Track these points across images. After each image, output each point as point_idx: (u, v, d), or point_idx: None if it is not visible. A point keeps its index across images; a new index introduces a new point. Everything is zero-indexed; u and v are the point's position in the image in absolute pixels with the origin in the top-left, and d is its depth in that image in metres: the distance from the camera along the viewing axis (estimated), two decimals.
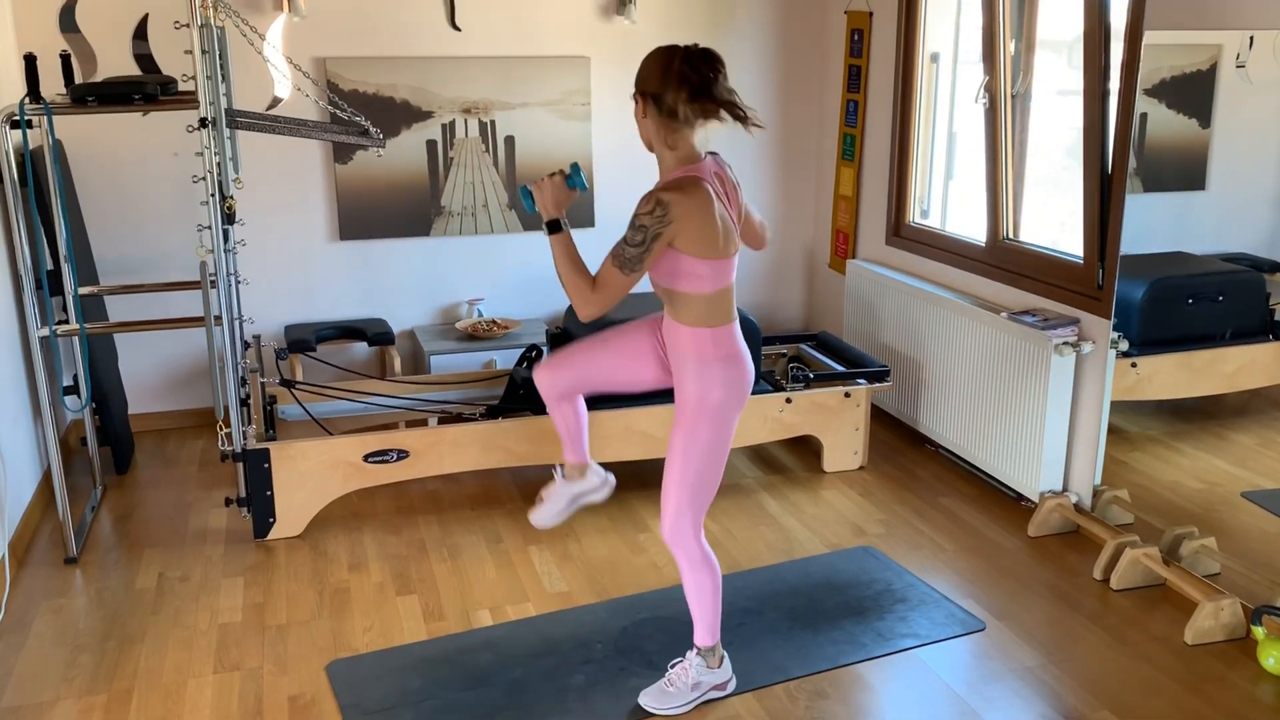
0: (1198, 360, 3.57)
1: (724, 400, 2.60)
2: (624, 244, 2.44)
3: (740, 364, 2.64)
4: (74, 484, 4.13)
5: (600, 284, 2.48)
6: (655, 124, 2.47)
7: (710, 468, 2.64)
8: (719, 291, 2.60)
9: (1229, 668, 2.93)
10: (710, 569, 2.70)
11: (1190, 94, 3.34)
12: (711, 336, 2.59)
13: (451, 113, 4.76)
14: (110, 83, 3.34)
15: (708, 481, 2.65)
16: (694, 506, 2.64)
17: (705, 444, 2.61)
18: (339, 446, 3.66)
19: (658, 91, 2.44)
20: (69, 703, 2.79)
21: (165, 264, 4.56)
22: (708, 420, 2.60)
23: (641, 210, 2.42)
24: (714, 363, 2.59)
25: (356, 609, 3.25)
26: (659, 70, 2.43)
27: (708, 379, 2.59)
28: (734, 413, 2.64)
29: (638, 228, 2.42)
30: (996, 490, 4.05)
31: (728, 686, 2.81)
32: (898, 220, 4.76)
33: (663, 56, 2.45)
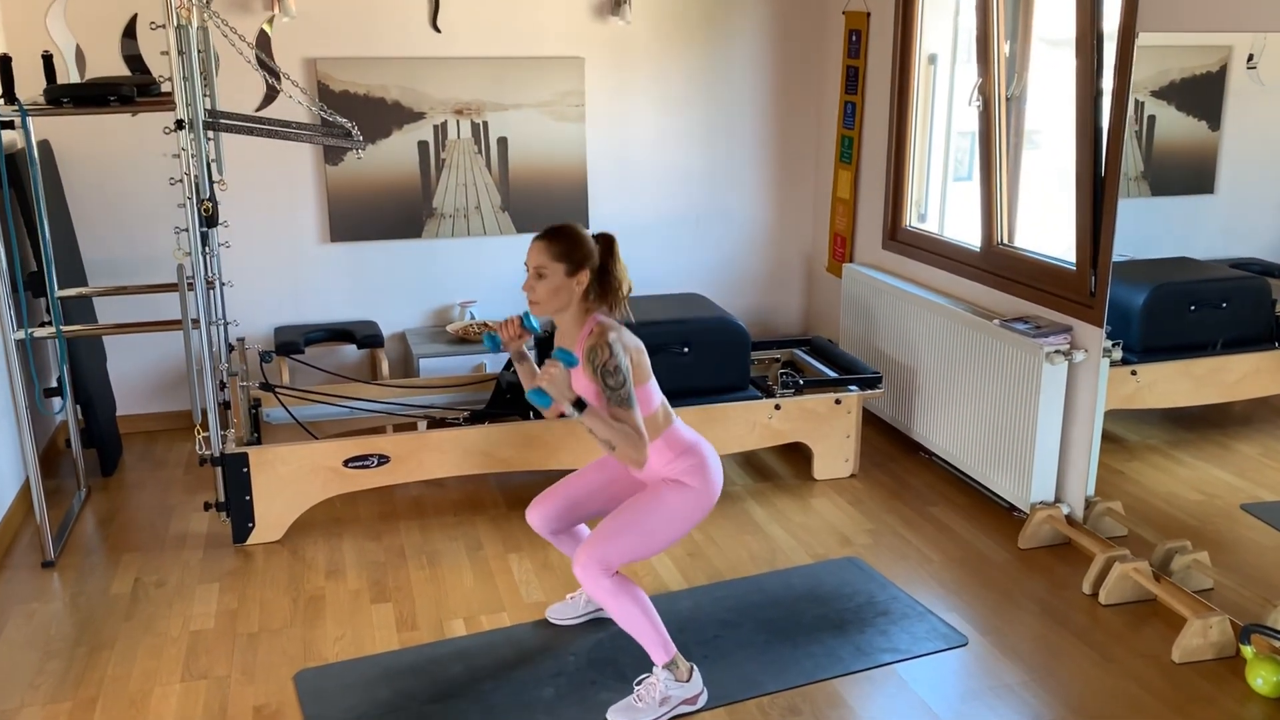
0: (1199, 368, 3.49)
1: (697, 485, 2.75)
2: (614, 391, 2.63)
3: (698, 451, 2.79)
4: (59, 486, 4.12)
5: (634, 427, 2.65)
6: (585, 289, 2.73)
7: (659, 533, 2.74)
8: (656, 409, 2.79)
9: (1217, 687, 2.85)
10: (629, 593, 2.70)
11: (1200, 96, 3.26)
12: (664, 443, 2.77)
13: (443, 114, 4.72)
14: (86, 84, 3.31)
15: (643, 545, 2.73)
16: (621, 556, 2.71)
17: (668, 509, 2.74)
18: (319, 451, 3.63)
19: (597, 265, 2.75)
20: (33, 710, 2.76)
21: (155, 266, 4.54)
22: (678, 495, 2.74)
23: (603, 359, 2.63)
24: (676, 462, 2.76)
25: (330, 617, 3.21)
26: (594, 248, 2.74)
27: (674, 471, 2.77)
28: (704, 498, 2.77)
29: (613, 370, 2.63)
30: (988, 500, 3.98)
31: (699, 700, 2.76)
32: (894, 224, 4.69)
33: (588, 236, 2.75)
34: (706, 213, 5.24)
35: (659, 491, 2.75)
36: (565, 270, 2.69)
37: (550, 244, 2.70)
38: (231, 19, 4.34)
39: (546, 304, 2.72)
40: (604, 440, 2.63)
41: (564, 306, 2.73)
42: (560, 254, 2.69)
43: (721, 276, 5.33)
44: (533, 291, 2.72)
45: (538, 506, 3.00)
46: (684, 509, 2.75)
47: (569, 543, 3.08)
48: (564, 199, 4.95)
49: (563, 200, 4.94)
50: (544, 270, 2.69)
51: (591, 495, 2.98)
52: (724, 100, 5.12)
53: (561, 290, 2.70)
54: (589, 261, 2.71)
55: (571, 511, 2.99)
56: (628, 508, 2.74)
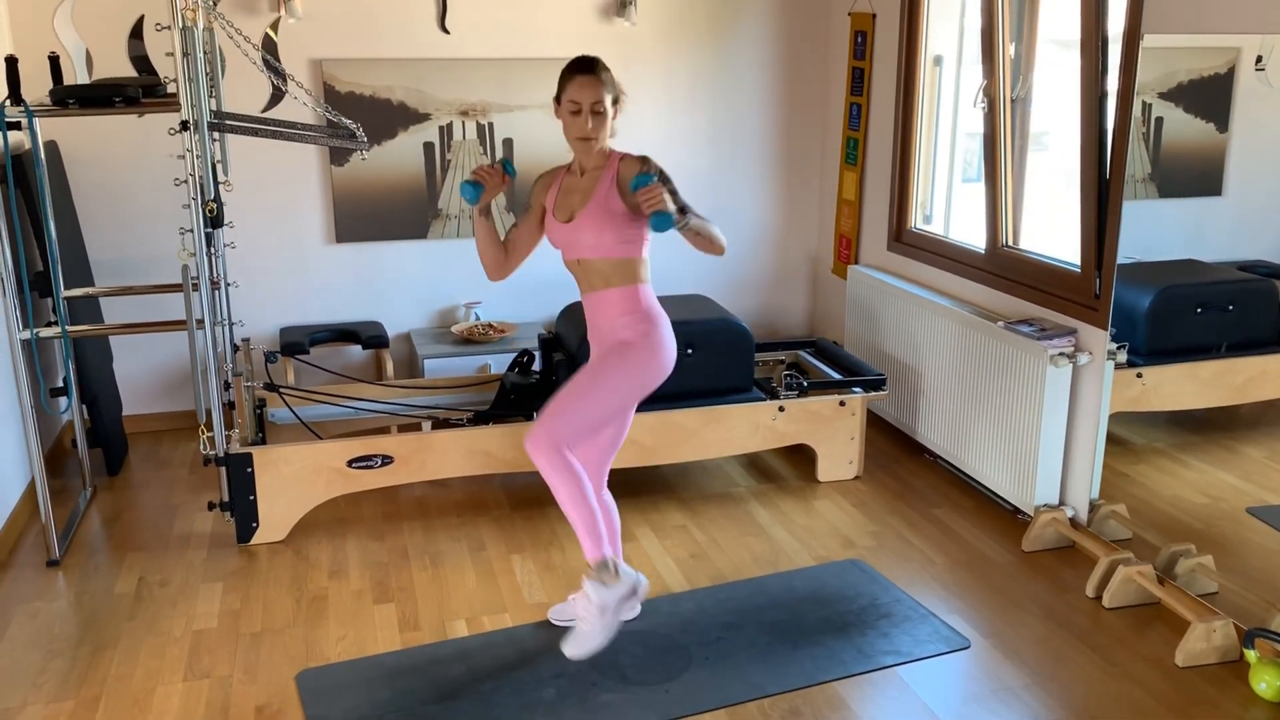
0: (1206, 371, 3.47)
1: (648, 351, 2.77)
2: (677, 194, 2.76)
3: (660, 323, 2.83)
4: (65, 485, 4.14)
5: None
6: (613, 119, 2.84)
7: (601, 402, 2.75)
8: (644, 255, 2.87)
9: (1220, 691, 2.83)
10: (574, 475, 2.70)
11: (1208, 98, 3.25)
12: (638, 292, 2.82)
13: (449, 115, 4.73)
14: (91, 85, 3.32)
15: (591, 411, 2.74)
16: (566, 427, 2.70)
17: (611, 379, 2.76)
18: (323, 451, 3.64)
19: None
20: (36, 708, 2.77)
21: (161, 266, 4.56)
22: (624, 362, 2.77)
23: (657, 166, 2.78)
24: (641, 314, 2.80)
25: (332, 617, 3.22)
26: None
27: (634, 332, 2.79)
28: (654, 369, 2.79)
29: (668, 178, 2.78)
30: (993, 503, 3.97)
31: (639, 590, 2.80)
32: (899, 226, 4.68)
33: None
34: (711, 214, 5.22)
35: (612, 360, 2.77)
36: (612, 99, 2.77)
37: (599, 79, 2.74)
38: (238, 20, 4.35)
39: (600, 138, 2.78)
40: (710, 236, 2.79)
41: (609, 136, 2.82)
42: (608, 85, 2.76)
43: (726, 278, 5.33)
44: (595, 128, 2.75)
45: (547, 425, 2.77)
46: (632, 374, 2.77)
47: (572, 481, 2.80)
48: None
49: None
50: (600, 105, 2.73)
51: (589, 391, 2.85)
52: (729, 102, 5.12)
53: (606, 121, 2.78)
54: (621, 89, 2.82)
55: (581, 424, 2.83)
56: (576, 377, 2.77)
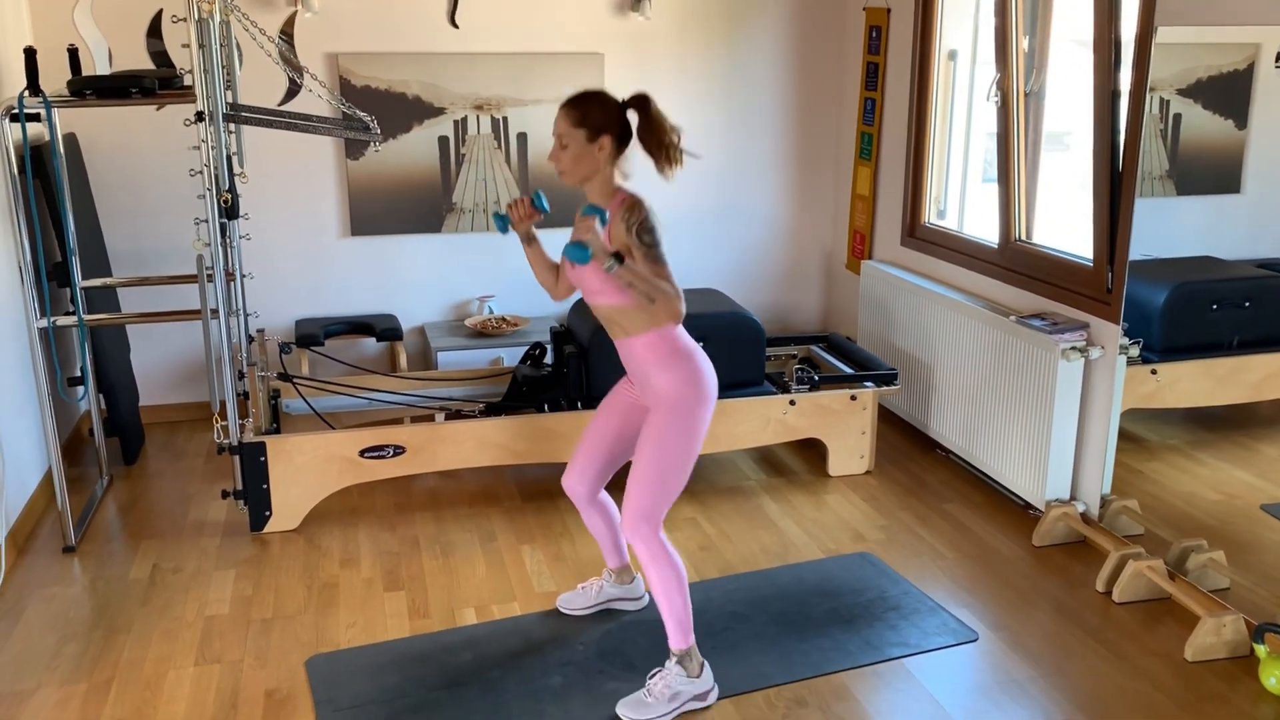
0: (1221, 368, 3.45)
1: (693, 395, 2.68)
2: (650, 248, 2.61)
3: (693, 359, 2.72)
4: (82, 474, 4.18)
5: (670, 280, 2.62)
6: (608, 156, 2.70)
7: (678, 465, 2.69)
8: None
9: (1229, 687, 2.82)
10: (673, 564, 2.70)
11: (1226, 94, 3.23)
12: (659, 336, 2.71)
13: (463, 109, 4.76)
14: (108, 76, 3.36)
15: (674, 478, 2.70)
16: (657, 501, 2.68)
17: (676, 439, 2.68)
18: (335, 441, 3.66)
19: (621, 131, 2.70)
20: (49, 691, 2.81)
21: (179, 257, 4.60)
22: (679, 416, 2.68)
23: (639, 217, 2.61)
24: (670, 359, 2.70)
25: (343, 604, 3.25)
26: (617, 112, 2.68)
27: (672, 378, 2.69)
28: (703, 408, 2.71)
29: (649, 229, 2.61)
30: (1004, 498, 3.96)
31: (709, 697, 2.76)
32: (913, 221, 4.67)
33: (612, 101, 2.69)
34: (725, 209, 5.25)
35: (661, 424, 2.68)
36: (585, 136, 2.65)
37: (570, 110, 2.66)
38: (255, 14, 4.39)
39: (572, 172, 2.70)
40: (643, 293, 2.58)
41: (589, 175, 2.70)
42: (579, 119, 2.65)
43: (740, 273, 5.33)
44: (559, 161, 2.69)
45: (571, 469, 2.98)
46: (687, 428, 2.69)
47: (598, 517, 3.05)
48: (583, 195, 4.95)
49: (582, 196, 4.93)
50: (565, 138, 2.67)
51: (616, 436, 2.94)
52: (743, 96, 5.12)
53: (583, 158, 2.67)
54: (610, 127, 2.66)
55: (605, 461, 2.95)
56: (640, 458, 2.71)
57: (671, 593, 2.70)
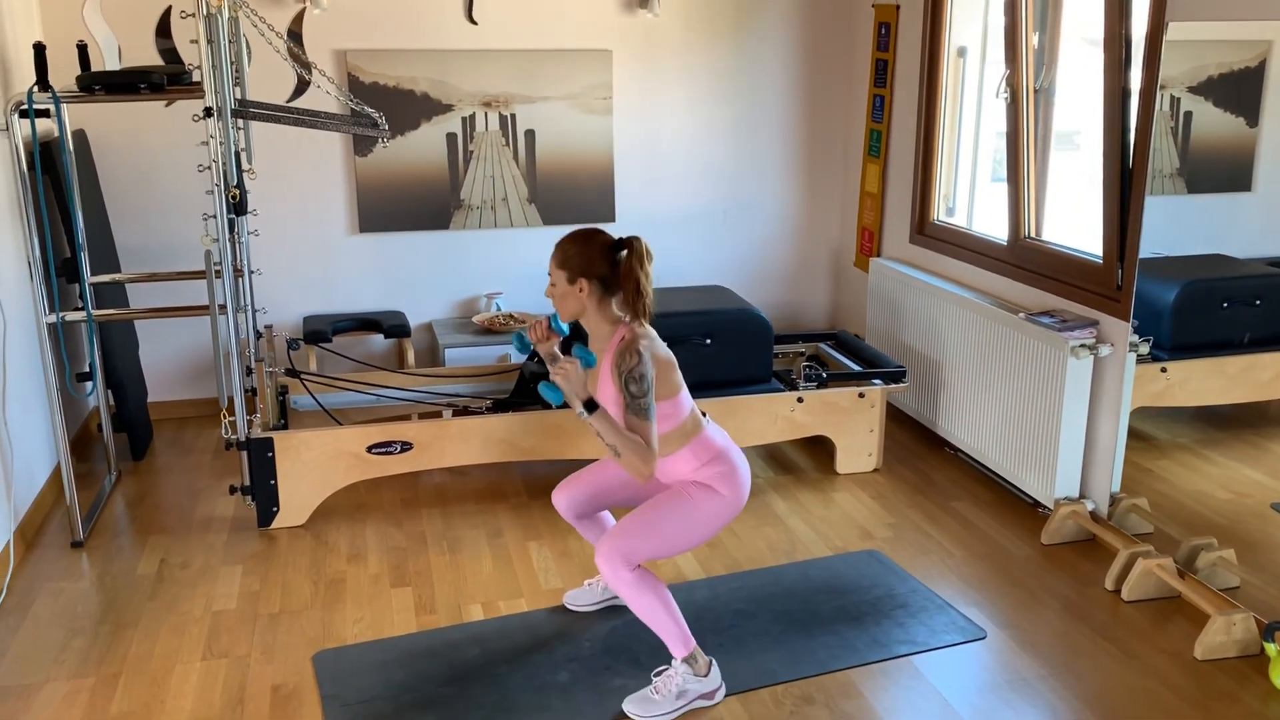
0: (1232, 366, 3.43)
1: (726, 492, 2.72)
2: (634, 399, 2.60)
3: (728, 458, 2.74)
4: (91, 469, 4.20)
5: (646, 438, 2.61)
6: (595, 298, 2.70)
7: (675, 539, 2.71)
8: (685, 420, 2.75)
9: (1239, 685, 2.80)
10: (650, 585, 2.69)
11: (1238, 92, 3.21)
12: (691, 451, 2.73)
13: (472, 106, 4.76)
14: (117, 72, 3.37)
15: (663, 548, 2.71)
16: (644, 553, 2.68)
17: (698, 513, 2.71)
18: (343, 437, 3.67)
19: (604, 275, 2.69)
20: (57, 684, 2.81)
21: (188, 253, 4.61)
22: (709, 503, 2.72)
23: (630, 364, 2.60)
24: (705, 469, 2.73)
25: (350, 600, 3.25)
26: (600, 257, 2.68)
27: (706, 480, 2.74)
28: (732, 506, 2.74)
29: (638, 378, 2.59)
30: (1013, 496, 3.94)
31: (716, 695, 2.75)
32: (922, 218, 4.66)
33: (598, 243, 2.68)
34: (734, 206, 5.24)
35: (688, 494, 2.72)
36: (566, 278, 2.68)
37: (556, 250, 2.70)
38: (264, 10, 4.40)
39: (560, 309, 2.74)
40: (610, 445, 2.59)
41: (577, 313, 2.72)
42: (560, 261, 2.69)
43: (748, 270, 5.33)
44: (553, 299, 2.74)
45: (564, 490, 3.01)
46: (710, 513, 2.72)
47: (592, 529, 3.08)
48: (591, 191, 4.97)
49: (590, 193, 4.96)
50: (551, 277, 2.72)
51: (618, 485, 2.97)
52: (752, 93, 5.11)
53: (568, 297, 2.70)
54: (591, 270, 2.67)
55: (597, 499, 3.00)
56: (654, 506, 2.72)
57: (655, 614, 2.69)
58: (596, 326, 2.73)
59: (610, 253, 2.69)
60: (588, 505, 3.00)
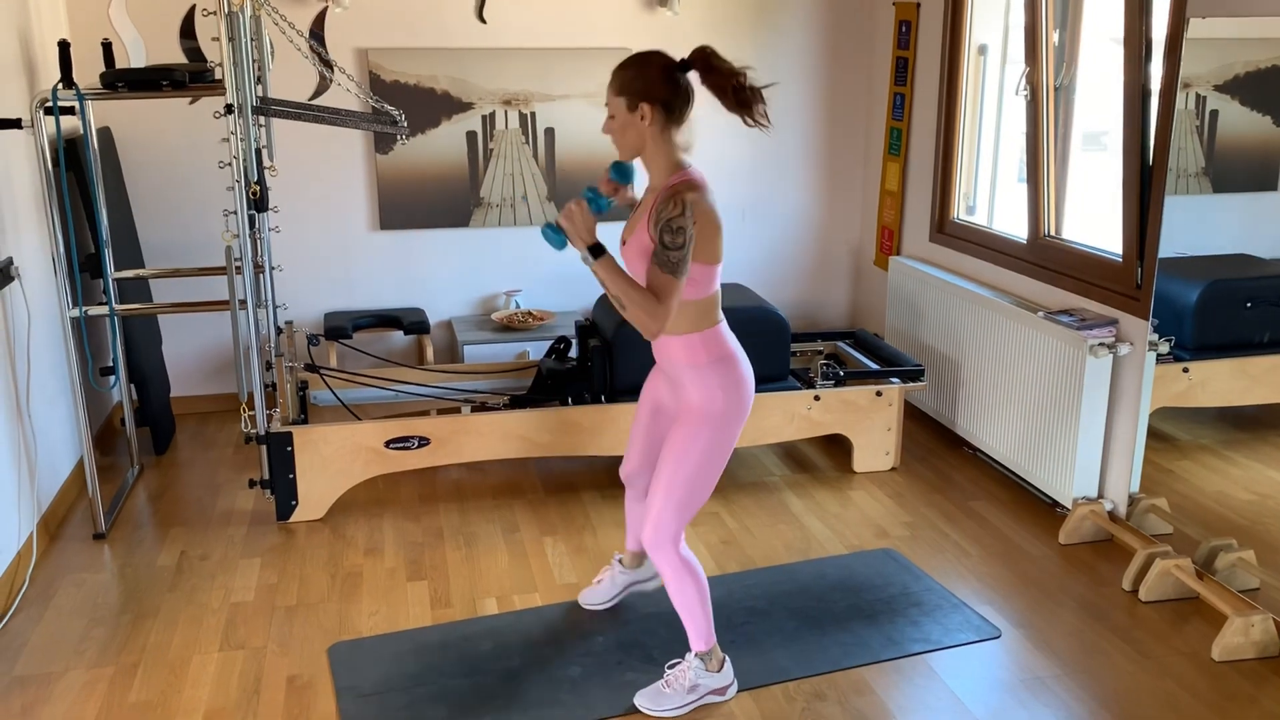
0: (1255, 367, 3.40)
1: (724, 405, 2.58)
2: (666, 250, 2.43)
3: (735, 365, 2.61)
4: (114, 463, 4.25)
5: (661, 295, 2.45)
6: (657, 126, 2.51)
7: (702, 478, 2.61)
8: (708, 297, 2.59)
9: (1257, 687, 2.78)
10: (693, 575, 2.66)
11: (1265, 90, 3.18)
12: (701, 340, 2.59)
13: (492, 104, 4.78)
14: (140, 69, 3.41)
15: (698, 491, 2.62)
16: (679, 515, 2.62)
17: (701, 452, 2.60)
18: (361, 432, 3.69)
19: (667, 98, 2.49)
20: (77, 673, 2.85)
21: (213, 249, 4.65)
22: (708, 427, 2.59)
23: (672, 213, 2.42)
24: (707, 367, 2.59)
25: (366, 593, 3.27)
26: (661, 77, 2.49)
27: (705, 385, 2.59)
28: (735, 420, 2.61)
29: (676, 230, 2.42)
30: (1032, 496, 3.92)
31: (728, 691, 2.75)
32: (942, 217, 4.64)
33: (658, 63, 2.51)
34: (753, 205, 5.23)
35: (687, 436, 2.58)
36: (626, 105, 2.49)
37: (612, 77, 2.52)
38: (286, 9, 4.44)
39: (622, 146, 2.54)
40: (614, 295, 2.45)
41: (639, 147, 2.53)
42: (619, 87, 2.49)
43: (768, 269, 5.32)
44: (612, 135, 2.55)
45: (629, 458, 2.94)
46: (715, 441, 2.59)
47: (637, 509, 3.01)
48: None
49: None
50: (609, 107, 2.53)
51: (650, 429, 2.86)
52: (771, 91, 5.10)
53: (629, 128, 2.50)
54: (654, 93, 2.47)
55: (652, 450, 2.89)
56: (662, 471, 2.60)
57: (692, 605, 2.67)
58: (655, 165, 2.55)
59: (672, 74, 2.49)
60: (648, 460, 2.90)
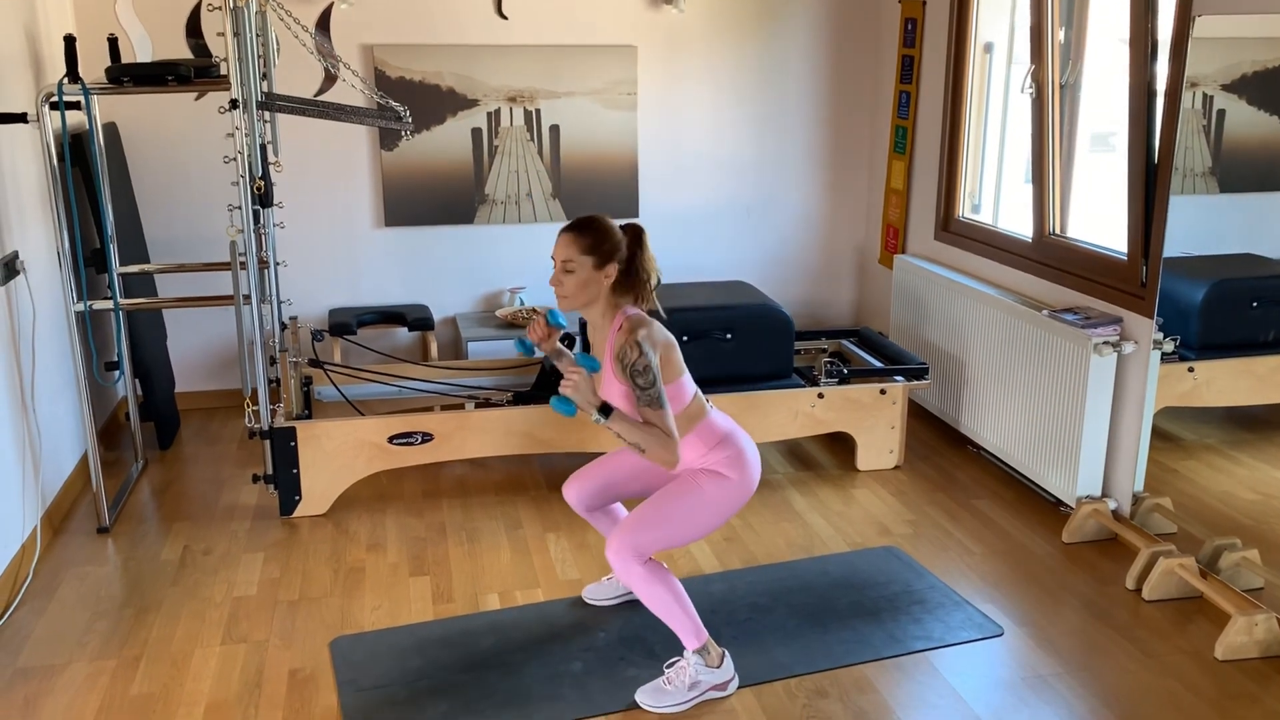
0: (1261, 366, 3.38)
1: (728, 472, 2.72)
2: (644, 391, 2.60)
3: (735, 442, 2.75)
4: (118, 457, 4.26)
5: (664, 428, 2.61)
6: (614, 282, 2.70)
7: (685, 527, 2.72)
8: (690, 404, 2.75)
9: (1261, 686, 2.77)
10: (661, 578, 2.69)
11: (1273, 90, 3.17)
12: (698, 438, 2.73)
13: (497, 101, 4.78)
14: (145, 64, 3.41)
15: (674, 537, 2.72)
16: (655, 540, 2.69)
17: (707, 497, 2.71)
18: (364, 427, 3.70)
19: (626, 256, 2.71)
20: (80, 666, 2.86)
21: (218, 245, 4.66)
22: (714, 485, 2.72)
23: (632, 358, 2.59)
24: (710, 455, 2.73)
25: (368, 588, 3.27)
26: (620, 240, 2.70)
27: (713, 466, 2.74)
28: (741, 490, 2.73)
29: (642, 370, 2.59)
30: (1035, 494, 3.91)
31: (729, 686, 2.75)
32: (947, 215, 4.63)
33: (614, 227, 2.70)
34: (758, 202, 5.23)
35: (696, 481, 2.73)
36: (593, 263, 2.65)
37: (578, 237, 2.65)
38: (292, 6, 4.44)
39: (575, 298, 2.68)
40: (632, 444, 2.61)
41: (592, 300, 2.69)
42: (588, 247, 2.65)
43: (772, 267, 5.32)
44: (560, 285, 2.67)
45: (574, 483, 3.02)
46: (720, 500, 2.72)
47: (604, 521, 3.08)
48: (615, 187, 4.98)
49: (613, 188, 4.97)
50: (571, 264, 2.65)
51: (628, 478, 2.97)
52: (777, 89, 5.10)
53: (590, 284, 2.66)
54: (617, 254, 2.67)
55: (607, 491, 3.00)
56: (663, 496, 2.72)
57: (668, 607, 2.70)
58: (600, 315, 2.72)
59: (623, 236, 2.70)
60: (598, 498, 3.00)
